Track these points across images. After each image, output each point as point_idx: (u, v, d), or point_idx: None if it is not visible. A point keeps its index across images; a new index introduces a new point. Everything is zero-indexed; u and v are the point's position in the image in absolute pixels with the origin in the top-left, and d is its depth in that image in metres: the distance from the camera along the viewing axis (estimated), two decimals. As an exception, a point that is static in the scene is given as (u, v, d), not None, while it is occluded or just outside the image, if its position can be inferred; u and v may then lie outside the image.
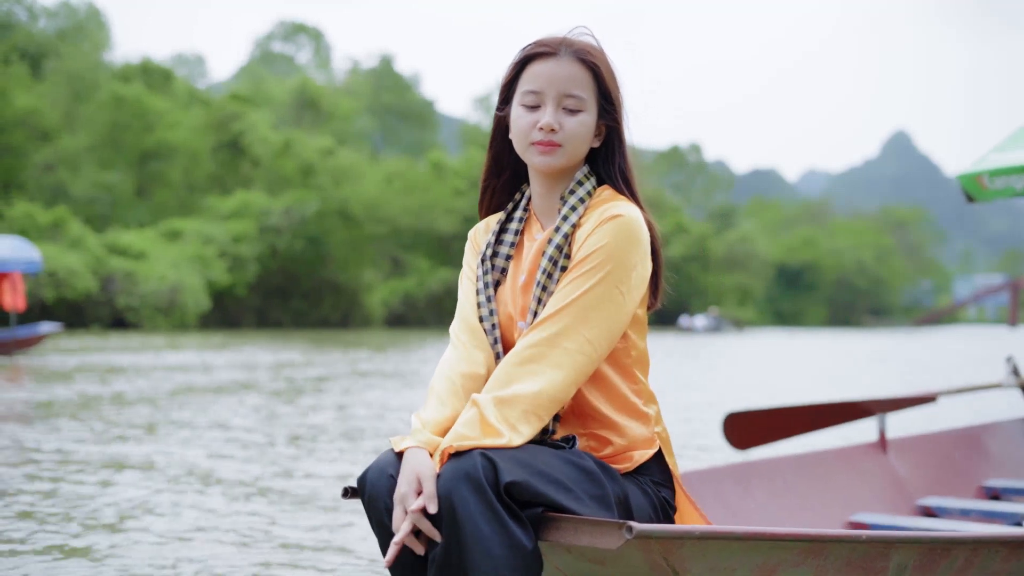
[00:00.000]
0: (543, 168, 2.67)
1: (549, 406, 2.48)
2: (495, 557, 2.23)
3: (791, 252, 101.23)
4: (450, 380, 2.62)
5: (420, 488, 2.31)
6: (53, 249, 40.89)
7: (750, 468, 4.35)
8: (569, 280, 2.57)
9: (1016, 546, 2.89)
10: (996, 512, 4.63)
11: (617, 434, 2.65)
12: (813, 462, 4.65)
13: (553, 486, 2.35)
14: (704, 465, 5.05)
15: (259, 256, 50.31)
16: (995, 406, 11.20)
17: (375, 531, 2.44)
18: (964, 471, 5.28)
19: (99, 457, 7.78)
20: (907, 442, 5.18)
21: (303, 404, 12.30)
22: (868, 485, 4.80)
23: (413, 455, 2.37)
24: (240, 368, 18.97)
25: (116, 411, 11.13)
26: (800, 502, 4.42)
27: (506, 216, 2.82)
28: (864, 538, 2.52)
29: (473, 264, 2.82)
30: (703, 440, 9.10)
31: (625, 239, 2.58)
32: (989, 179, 5.31)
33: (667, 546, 2.25)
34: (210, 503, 6.05)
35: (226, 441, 8.84)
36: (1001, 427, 5.70)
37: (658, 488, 2.67)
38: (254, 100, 61.72)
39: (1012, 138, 5.58)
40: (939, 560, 2.71)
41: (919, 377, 20.39)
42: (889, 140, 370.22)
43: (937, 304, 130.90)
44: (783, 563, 2.42)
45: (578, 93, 2.64)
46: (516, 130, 2.68)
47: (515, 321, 2.70)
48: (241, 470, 7.31)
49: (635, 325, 2.70)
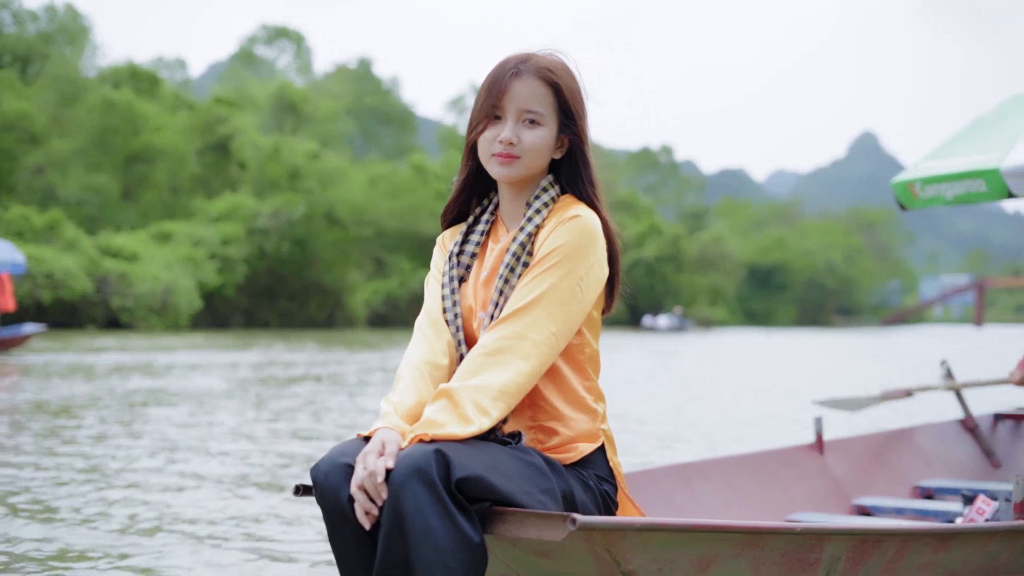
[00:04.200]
0: (502, 178, 2.81)
1: (517, 394, 2.60)
2: (442, 550, 2.30)
3: (762, 252, 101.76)
4: (416, 368, 2.74)
5: (383, 451, 2.42)
6: (48, 251, 41.69)
7: (692, 468, 4.46)
8: (532, 276, 2.70)
9: (944, 538, 2.99)
10: (929, 511, 4.75)
11: (564, 426, 2.75)
12: (752, 462, 4.76)
13: (503, 481, 2.43)
14: (648, 465, 5.59)
15: (247, 258, 51.02)
16: (932, 408, 11.50)
17: (327, 521, 2.50)
18: (899, 471, 5.39)
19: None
20: (843, 443, 5.29)
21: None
22: (805, 485, 4.92)
23: (383, 431, 2.49)
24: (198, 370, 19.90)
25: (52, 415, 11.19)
26: (740, 501, 4.52)
27: (474, 219, 2.95)
28: (798, 530, 2.60)
29: (441, 264, 2.94)
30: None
31: (583, 238, 2.72)
32: (920, 187, 5.44)
33: (610, 538, 2.33)
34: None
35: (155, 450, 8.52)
36: (935, 428, 5.84)
37: (600, 482, 2.76)
38: (238, 103, 62.47)
39: (945, 145, 5.69)
40: (870, 552, 2.80)
41: (866, 376, 21.20)
42: (856, 141, 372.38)
43: (904, 304, 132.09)
44: (721, 554, 2.50)
45: (537, 108, 2.77)
46: (480, 141, 2.81)
47: (475, 313, 2.83)
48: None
49: (590, 325, 2.82)
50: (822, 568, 2.69)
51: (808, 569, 2.67)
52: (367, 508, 2.37)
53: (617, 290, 2.90)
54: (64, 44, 62.31)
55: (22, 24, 60.90)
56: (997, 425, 5.96)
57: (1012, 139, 5.20)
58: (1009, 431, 5.93)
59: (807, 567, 2.66)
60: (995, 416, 6.01)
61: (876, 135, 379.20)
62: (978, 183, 5.13)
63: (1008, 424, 5.96)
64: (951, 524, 3.28)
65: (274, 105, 64.76)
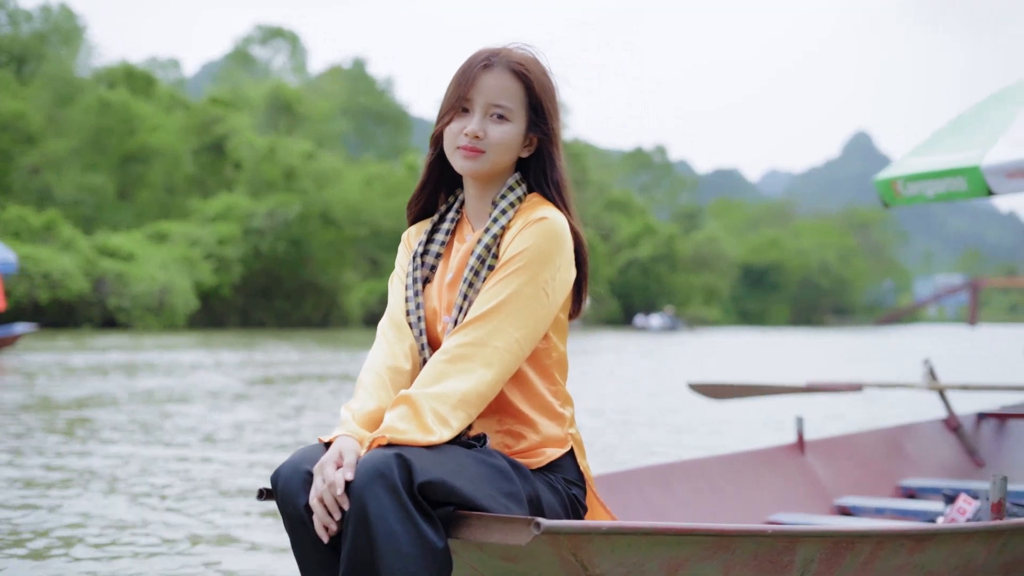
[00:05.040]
0: (466, 172, 2.73)
1: (478, 403, 2.53)
2: (405, 556, 2.25)
3: (756, 252, 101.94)
4: (377, 373, 2.67)
5: (341, 462, 2.36)
6: (46, 251, 41.88)
7: (672, 469, 4.41)
8: (497, 280, 2.62)
9: (920, 539, 2.95)
10: (911, 511, 4.72)
11: (532, 430, 2.69)
12: (733, 463, 4.71)
13: (466, 485, 2.37)
14: (626, 466, 5.46)
15: (243, 258, 51.16)
16: (916, 408, 11.47)
17: (288, 527, 2.45)
18: (881, 471, 5.36)
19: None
20: (825, 443, 5.26)
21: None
22: (786, 486, 4.87)
23: (341, 440, 2.43)
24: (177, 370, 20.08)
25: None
26: (720, 502, 4.47)
27: (439, 217, 2.87)
28: (770, 532, 2.56)
29: (405, 263, 2.86)
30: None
31: (549, 241, 2.63)
32: (903, 185, 5.41)
33: (575, 542, 2.29)
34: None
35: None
36: (918, 428, 5.83)
37: (569, 486, 2.70)
38: (234, 104, 62.61)
39: (928, 142, 5.69)
40: (844, 553, 2.76)
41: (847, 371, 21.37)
42: (850, 140, 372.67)
43: (898, 304, 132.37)
44: (691, 558, 2.46)
45: (505, 103, 2.69)
46: (446, 133, 2.73)
47: (440, 316, 2.74)
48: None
49: (557, 328, 2.75)
50: (795, 570, 2.66)
51: (781, 571, 2.63)
52: (325, 523, 2.33)
53: (585, 293, 2.81)
54: (59, 44, 62.41)
55: (17, 24, 60.99)
56: (981, 424, 5.97)
57: (993, 137, 5.18)
58: (993, 430, 5.94)
59: (780, 569, 2.62)
60: (978, 415, 6.03)
61: (870, 135, 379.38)
62: (959, 181, 5.10)
63: (992, 423, 5.97)
64: (927, 524, 3.22)
65: (269, 105, 64.84)
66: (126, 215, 53.73)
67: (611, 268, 78.76)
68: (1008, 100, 5.54)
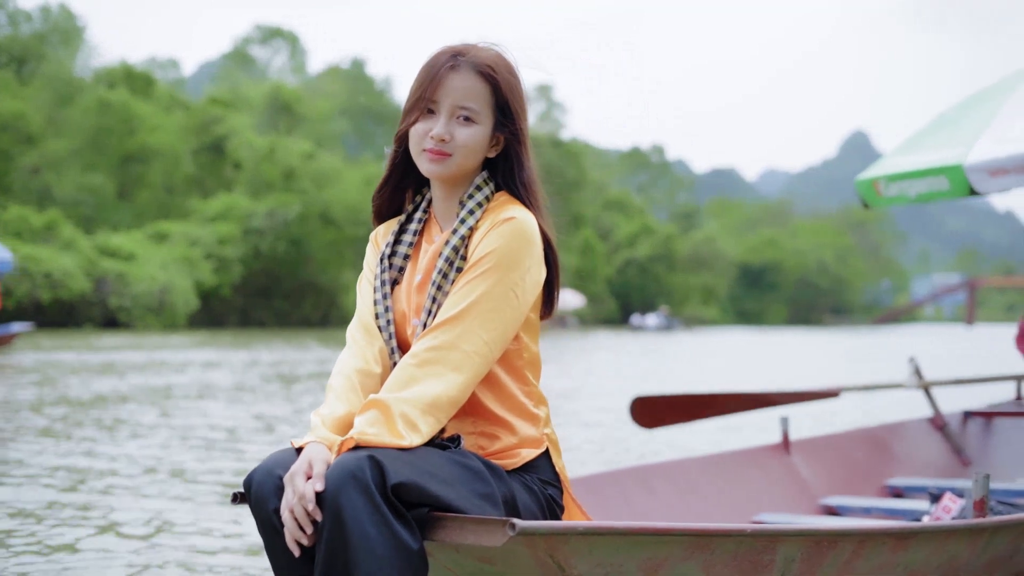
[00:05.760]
0: (432, 175, 2.69)
1: (448, 407, 2.50)
2: (380, 558, 2.23)
3: (754, 252, 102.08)
4: (347, 377, 2.63)
5: (310, 472, 2.32)
6: (47, 251, 42.10)
7: (655, 470, 4.37)
8: (465, 282, 2.58)
9: (902, 538, 2.93)
10: (897, 510, 4.68)
11: (506, 431, 2.66)
12: (718, 463, 4.67)
13: (440, 486, 2.35)
14: (608, 467, 5.47)
15: (243, 258, 51.36)
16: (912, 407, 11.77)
17: (261, 532, 2.43)
18: (867, 471, 5.32)
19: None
20: (810, 443, 5.22)
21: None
22: (772, 486, 4.83)
23: (311, 447, 2.39)
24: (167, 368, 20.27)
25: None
26: (704, 503, 4.43)
27: (406, 218, 2.83)
28: (749, 532, 2.54)
29: (373, 264, 2.83)
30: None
31: (517, 242, 2.59)
32: (884, 185, 5.35)
33: (551, 543, 2.27)
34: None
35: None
36: (904, 427, 5.81)
37: (545, 487, 2.67)
38: (233, 104, 62.80)
39: (910, 141, 5.64)
40: (826, 552, 2.73)
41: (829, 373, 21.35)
42: (847, 140, 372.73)
43: (896, 303, 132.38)
44: (670, 558, 2.43)
45: (471, 105, 2.65)
46: (412, 134, 2.69)
47: (409, 319, 2.71)
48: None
49: (528, 328, 2.71)
50: (776, 570, 2.64)
51: (762, 571, 2.61)
52: (296, 536, 2.31)
53: (557, 292, 2.77)
54: (59, 44, 62.56)
55: (17, 24, 61.14)
56: (967, 423, 5.98)
57: (975, 135, 5.11)
58: (979, 429, 5.93)
59: (760, 569, 2.60)
60: (965, 414, 6.03)
61: (867, 135, 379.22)
62: (941, 180, 5.03)
63: (978, 422, 5.97)
64: (910, 523, 3.18)
65: (268, 105, 64.97)
66: (126, 215, 53.90)
67: (609, 268, 78.98)
68: (990, 99, 5.50)
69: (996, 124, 5.10)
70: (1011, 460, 5.74)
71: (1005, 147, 4.87)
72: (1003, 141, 4.93)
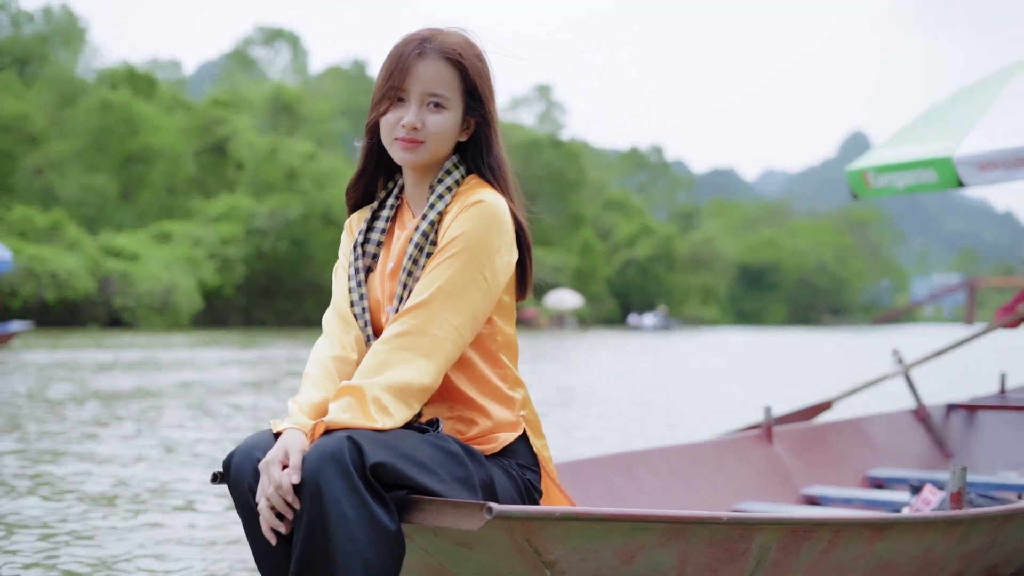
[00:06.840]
0: (405, 164, 2.70)
1: (420, 393, 2.50)
2: (357, 539, 2.23)
3: (753, 252, 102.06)
4: (323, 365, 2.63)
5: (287, 460, 2.32)
6: (51, 251, 42.38)
7: (636, 457, 4.34)
8: (433, 266, 2.58)
9: (879, 528, 2.94)
10: (878, 500, 4.68)
11: (482, 416, 2.66)
12: (699, 451, 4.64)
13: (418, 468, 2.35)
14: (591, 454, 5.44)
15: (245, 258, 51.59)
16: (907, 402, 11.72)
17: (239, 513, 2.44)
18: (849, 461, 5.32)
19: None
20: (793, 432, 5.19)
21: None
22: (753, 475, 4.80)
23: (287, 434, 2.39)
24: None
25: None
26: (685, 491, 4.41)
27: (378, 204, 2.83)
28: (726, 520, 2.54)
29: (348, 252, 2.83)
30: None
31: (487, 224, 2.59)
32: (874, 176, 5.37)
33: (528, 527, 2.27)
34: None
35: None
36: (887, 418, 5.79)
37: (523, 471, 2.67)
38: (235, 105, 63.03)
39: (900, 133, 5.64)
40: (802, 542, 2.74)
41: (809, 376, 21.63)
42: (847, 140, 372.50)
43: (895, 303, 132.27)
44: (647, 544, 2.44)
45: (441, 92, 2.65)
46: (383, 124, 2.70)
47: (383, 306, 2.71)
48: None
49: (501, 311, 2.71)
50: (752, 558, 2.65)
51: (737, 559, 2.62)
52: (273, 525, 2.32)
53: (530, 275, 2.77)
54: (61, 46, 62.81)
55: (19, 26, 61.35)
56: (950, 415, 6.02)
57: (965, 128, 5.13)
58: (961, 421, 5.98)
59: (736, 557, 2.61)
60: (948, 406, 6.07)
61: (866, 135, 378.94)
62: (929, 172, 5.04)
63: (961, 414, 6.02)
64: (887, 514, 3.18)
65: (270, 106, 65.16)
66: (128, 215, 54.15)
67: (609, 268, 79.17)
68: (980, 92, 5.53)
69: (987, 118, 5.14)
70: (993, 453, 5.78)
71: (995, 141, 4.90)
72: (993, 135, 4.96)
